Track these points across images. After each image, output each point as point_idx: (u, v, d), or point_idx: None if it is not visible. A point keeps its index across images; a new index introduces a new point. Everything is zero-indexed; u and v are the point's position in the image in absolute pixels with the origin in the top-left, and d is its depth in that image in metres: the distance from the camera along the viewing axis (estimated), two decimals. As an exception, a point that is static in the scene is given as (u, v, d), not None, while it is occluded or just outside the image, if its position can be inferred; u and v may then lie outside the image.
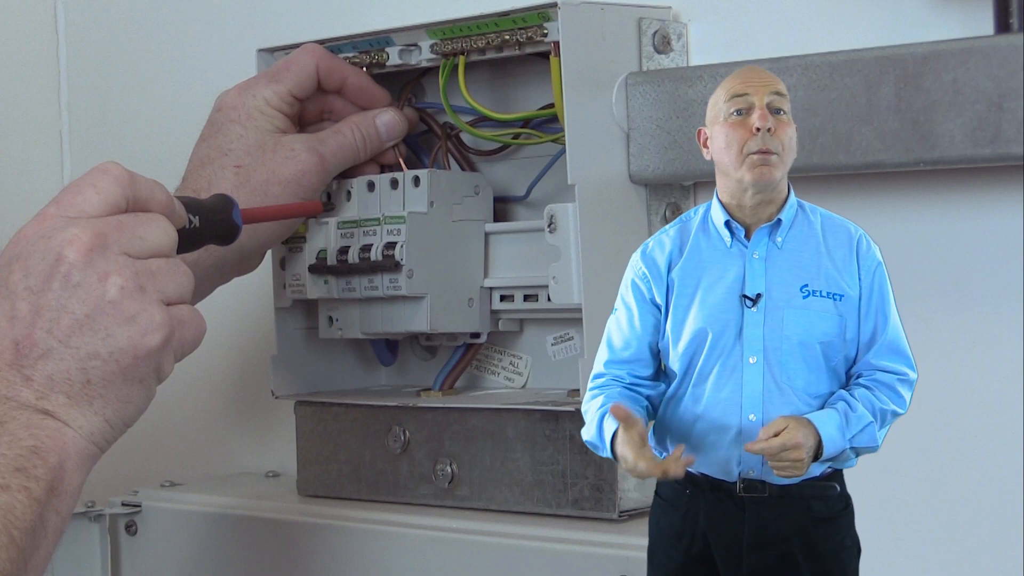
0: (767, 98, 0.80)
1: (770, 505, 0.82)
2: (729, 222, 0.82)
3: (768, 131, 0.80)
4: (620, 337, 0.84)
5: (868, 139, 1.02)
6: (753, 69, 0.82)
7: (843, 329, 0.82)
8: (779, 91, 0.81)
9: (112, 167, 0.95)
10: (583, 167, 1.11)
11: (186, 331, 0.95)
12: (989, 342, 1.06)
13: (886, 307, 0.83)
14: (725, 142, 0.81)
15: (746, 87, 0.81)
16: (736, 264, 0.82)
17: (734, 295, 0.82)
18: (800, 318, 0.81)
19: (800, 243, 0.82)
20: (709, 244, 0.83)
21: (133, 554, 1.35)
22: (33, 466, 0.88)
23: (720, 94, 0.82)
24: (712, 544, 0.83)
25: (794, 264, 0.82)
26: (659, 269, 0.83)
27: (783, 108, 0.81)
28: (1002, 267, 1.04)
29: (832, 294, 0.82)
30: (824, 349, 0.82)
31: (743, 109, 0.80)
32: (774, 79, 0.82)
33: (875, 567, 0.89)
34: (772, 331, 0.81)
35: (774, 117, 0.80)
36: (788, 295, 0.81)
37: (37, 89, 1.63)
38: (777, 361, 0.81)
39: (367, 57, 1.23)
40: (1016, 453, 1.04)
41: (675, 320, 0.83)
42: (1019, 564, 1.03)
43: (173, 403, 1.38)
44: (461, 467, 1.19)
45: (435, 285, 1.19)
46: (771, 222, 0.82)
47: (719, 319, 0.81)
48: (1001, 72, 0.97)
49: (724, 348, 0.81)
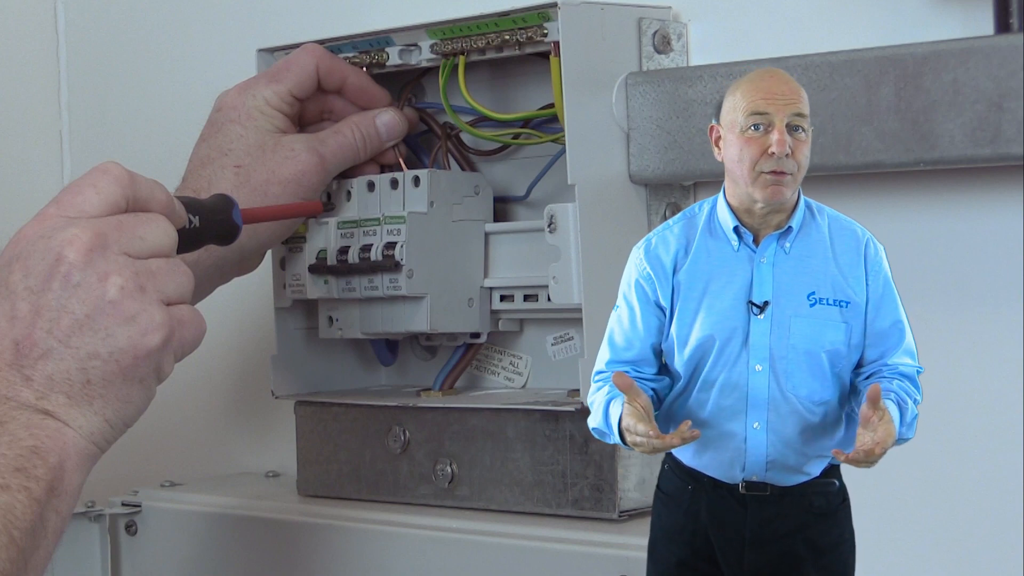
0: (789, 118, 0.78)
1: (772, 503, 0.82)
2: (738, 228, 0.81)
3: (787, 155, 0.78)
4: (623, 336, 0.83)
5: (868, 139, 1.02)
6: (776, 78, 0.80)
7: (849, 336, 0.81)
8: (800, 111, 0.79)
9: (112, 167, 0.95)
10: (583, 167, 1.11)
11: (186, 331, 0.95)
12: (989, 342, 1.06)
13: (898, 311, 0.82)
14: (738, 155, 0.79)
15: (768, 104, 0.79)
16: (744, 269, 0.81)
17: (741, 302, 0.81)
18: (807, 327, 0.80)
19: (808, 249, 0.81)
20: (716, 246, 0.82)
21: (133, 554, 1.35)
22: (33, 466, 0.88)
23: (739, 101, 0.79)
24: (714, 540, 0.83)
25: (801, 271, 0.81)
26: (665, 270, 0.82)
27: (803, 126, 0.79)
28: (1002, 267, 1.04)
29: (839, 301, 0.81)
30: (830, 357, 0.81)
31: (761, 125, 0.79)
32: (796, 94, 0.79)
33: (874, 566, 0.89)
34: (779, 340, 0.80)
35: (792, 136, 0.78)
36: (795, 303, 0.81)
37: (37, 89, 1.63)
38: (783, 370, 0.80)
39: (367, 57, 1.23)
40: (1016, 453, 1.04)
41: (680, 324, 0.82)
42: (1019, 564, 1.04)
43: (173, 403, 1.38)
44: (461, 467, 1.19)
45: (435, 285, 1.19)
46: (781, 229, 0.81)
47: (726, 326, 0.81)
48: (1001, 72, 0.97)
49: (730, 355, 0.81)
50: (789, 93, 0.79)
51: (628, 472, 1.11)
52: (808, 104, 0.80)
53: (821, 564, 0.83)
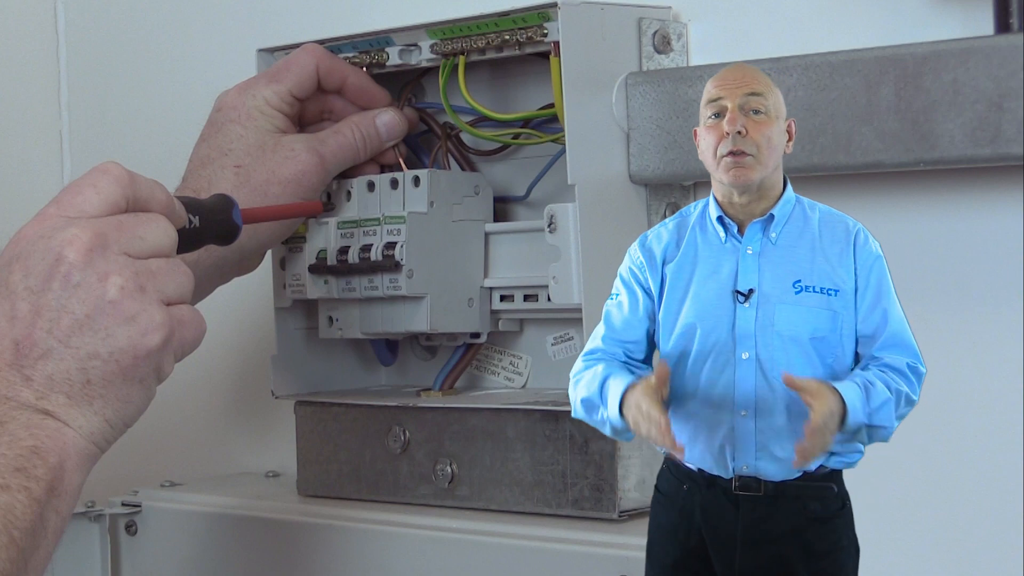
0: (740, 100, 0.80)
1: (764, 504, 0.82)
2: (722, 218, 0.82)
3: (739, 133, 0.80)
4: (620, 319, 0.85)
5: (868, 139, 1.02)
6: (735, 68, 0.82)
7: (838, 324, 0.81)
8: (754, 91, 0.81)
9: (112, 167, 0.95)
10: (583, 167, 1.11)
11: (186, 331, 0.95)
12: (989, 342, 1.06)
13: (886, 301, 0.82)
14: (704, 145, 0.81)
15: (720, 90, 0.81)
16: (730, 260, 0.82)
17: (727, 290, 0.82)
18: (791, 313, 0.81)
19: (794, 238, 0.82)
20: (704, 240, 0.83)
21: (133, 554, 1.35)
22: (33, 466, 0.88)
23: (703, 97, 0.82)
24: (707, 540, 0.83)
25: (787, 259, 0.82)
26: (655, 260, 0.84)
27: (760, 108, 0.80)
28: (1002, 267, 1.04)
29: (825, 289, 0.81)
30: (816, 345, 0.81)
31: (718, 113, 0.81)
32: (752, 78, 0.81)
33: (875, 567, 0.89)
34: (763, 327, 0.81)
35: (750, 118, 0.80)
36: (780, 291, 0.81)
37: (37, 89, 1.63)
38: (769, 357, 0.81)
39: (367, 57, 1.23)
40: (1016, 453, 1.04)
41: (667, 313, 0.83)
42: (1019, 564, 1.04)
43: (173, 403, 1.38)
44: (461, 467, 1.19)
45: (435, 285, 1.19)
46: (764, 217, 0.82)
47: (711, 314, 0.82)
48: (1001, 72, 0.97)
49: (716, 343, 0.81)
50: (743, 77, 0.81)
51: (628, 472, 1.11)
52: (770, 87, 0.81)
53: (815, 569, 0.82)
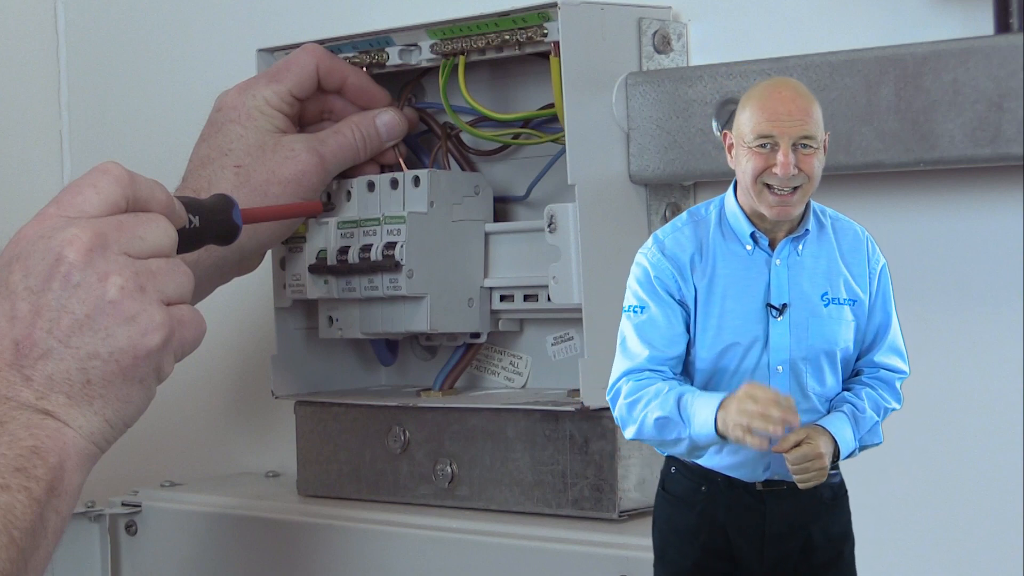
0: (793, 140, 0.79)
1: (787, 497, 0.84)
2: (755, 233, 0.82)
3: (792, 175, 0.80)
4: (660, 335, 0.82)
5: (868, 139, 1.02)
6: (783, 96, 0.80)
7: (857, 334, 0.84)
8: (807, 134, 0.79)
9: (112, 167, 0.95)
10: (583, 167, 1.11)
11: (186, 331, 0.95)
12: (989, 342, 1.06)
13: (889, 307, 0.85)
14: (745, 166, 0.80)
15: (773, 127, 0.79)
16: (760, 273, 0.82)
17: (760, 304, 0.82)
18: (824, 327, 0.82)
19: (817, 250, 0.83)
20: (727, 248, 0.83)
21: (133, 554, 1.35)
22: (33, 466, 0.88)
23: (747, 120, 0.80)
24: (732, 538, 0.84)
25: (814, 272, 0.83)
26: (685, 271, 0.82)
27: (810, 144, 0.80)
28: (1002, 267, 1.04)
29: (848, 300, 0.83)
30: (843, 354, 0.83)
31: (768, 143, 0.79)
32: (804, 113, 0.79)
33: (874, 566, 0.89)
34: (798, 340, 0.82)
35: (799, 152, 0.79)
36: (811, 304, 0.82)
37: (37, 89, 1.63)
38: (803, 369, 0.82)
39: (367, 57, 1.23)
40: (1016, 453, 1.04)
41: (702, 327, 0.83)
42: (1019, 564, 1.04)
43: (173, 403, 1.38)
44: (461, 467, 1.19)
45: (435, 285, 1.19)
46: (797, 233, 0.82)
47: (747, 329, 0.82)
48: (1001, 72, 0.97)
49: (752, 357, 0.82)
50: (796, 113, 0.80)
51: (628, 472, 1.11)
52: (818, 116, 0.80)
53: (833, 551, 0.85)
